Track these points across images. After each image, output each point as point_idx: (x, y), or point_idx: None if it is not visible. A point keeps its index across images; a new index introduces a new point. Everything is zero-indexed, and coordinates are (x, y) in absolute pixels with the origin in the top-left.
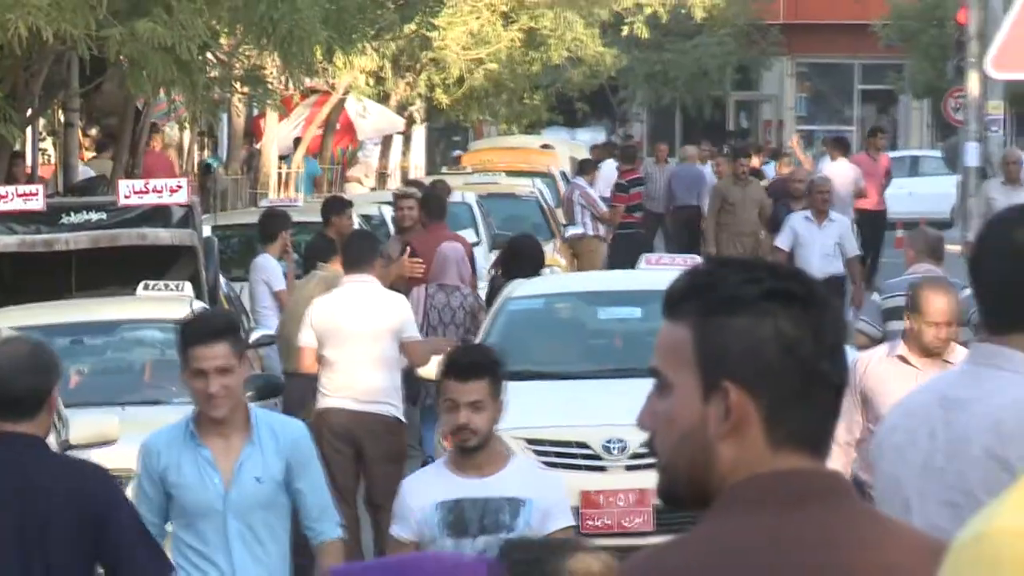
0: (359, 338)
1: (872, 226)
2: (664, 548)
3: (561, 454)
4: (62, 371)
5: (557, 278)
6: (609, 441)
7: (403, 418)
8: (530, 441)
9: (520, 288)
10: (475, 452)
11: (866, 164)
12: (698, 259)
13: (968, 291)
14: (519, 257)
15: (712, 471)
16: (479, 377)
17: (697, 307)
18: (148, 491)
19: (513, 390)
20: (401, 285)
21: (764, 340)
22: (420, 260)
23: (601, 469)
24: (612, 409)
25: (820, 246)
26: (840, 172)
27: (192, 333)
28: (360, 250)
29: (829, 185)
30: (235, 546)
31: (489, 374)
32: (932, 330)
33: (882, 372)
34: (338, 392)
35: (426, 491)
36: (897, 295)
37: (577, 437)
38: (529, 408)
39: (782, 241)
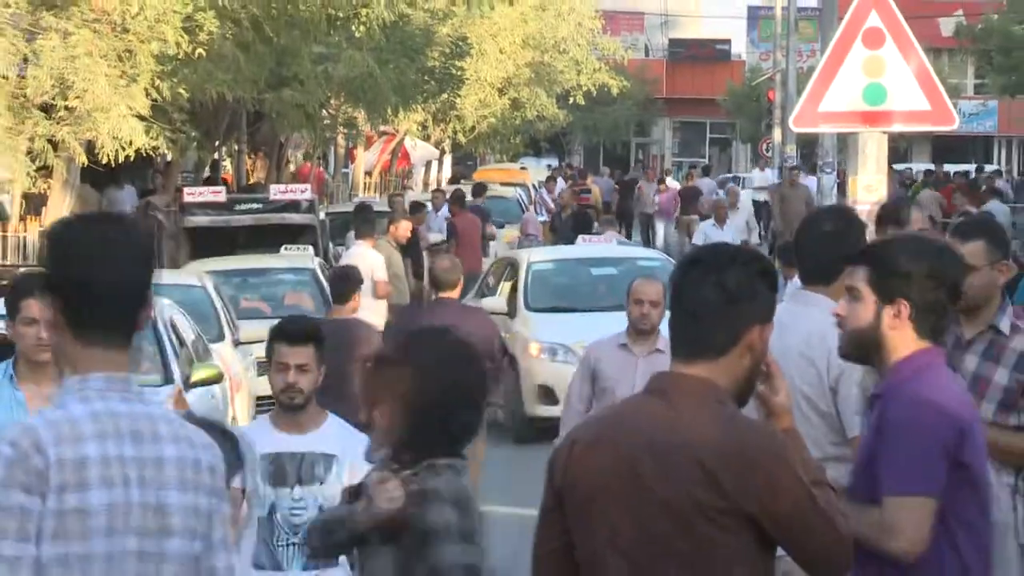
0: None
1: None
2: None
3: None
4: None
5: (561, 249)
6: None
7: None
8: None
9: (536, 255)
10: (299, 411)
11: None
12: (613, 236)
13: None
14: (577, 220)
15: None
16: (307, 343)
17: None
18: None
19: (557, 319)
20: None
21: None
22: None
23: None
24: None
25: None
26: (705, 185)
27: (25, 288)
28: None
29: (725, 203)
30: None
31: (315, 342)
32: (636, 308)
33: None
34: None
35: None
36: None
37: None
38: (582, 329)
39: (696, 240)
